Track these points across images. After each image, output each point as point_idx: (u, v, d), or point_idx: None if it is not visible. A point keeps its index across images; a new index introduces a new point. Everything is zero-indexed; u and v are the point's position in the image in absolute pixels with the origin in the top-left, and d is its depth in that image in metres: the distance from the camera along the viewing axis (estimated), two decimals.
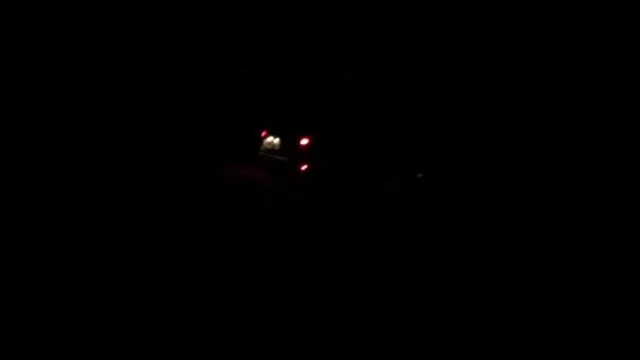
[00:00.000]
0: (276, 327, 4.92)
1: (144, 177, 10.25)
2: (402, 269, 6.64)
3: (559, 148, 9.88)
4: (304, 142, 11.37)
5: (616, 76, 9.91)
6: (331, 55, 12.82)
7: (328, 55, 12.70)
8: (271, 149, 11.94)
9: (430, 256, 7.25)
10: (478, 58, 10.72)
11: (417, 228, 9.04)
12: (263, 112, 13.52)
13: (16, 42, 11.53)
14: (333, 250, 7.04)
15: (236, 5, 12.28)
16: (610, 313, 5.99)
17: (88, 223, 7.54)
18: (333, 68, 13.19)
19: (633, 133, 9.63)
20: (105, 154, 11.29)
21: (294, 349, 4.72)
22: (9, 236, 6.89)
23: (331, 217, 9.15)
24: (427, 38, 11.05)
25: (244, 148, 12.81)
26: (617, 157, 9.53)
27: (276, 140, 11.85)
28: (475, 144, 10.71)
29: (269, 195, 9.84)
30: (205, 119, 13.86)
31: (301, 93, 13.63)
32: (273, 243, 6.93)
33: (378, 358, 4.68)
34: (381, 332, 5.02)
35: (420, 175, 10.79)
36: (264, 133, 12.17)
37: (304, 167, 11.30)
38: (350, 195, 11.04)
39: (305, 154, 11.35)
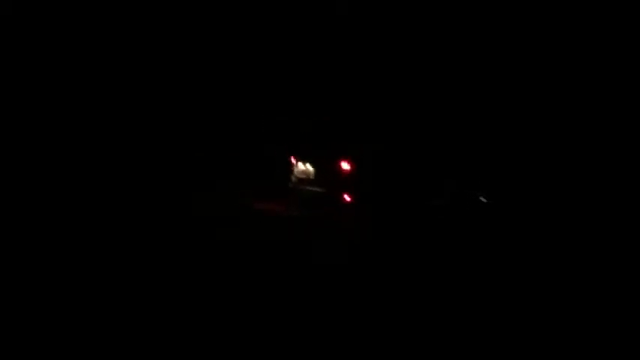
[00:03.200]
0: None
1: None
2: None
3: (559, 150, 9.86)
4: (346, 166, 9.73)
5: (616, 76, 9.90)
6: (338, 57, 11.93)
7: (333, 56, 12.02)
8: (305, 179, 10.15)
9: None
10: (480, 60, 10.70)
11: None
12: (286, 131, 11.42)
13: (16, 42, 11.53)
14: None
15: (236, 7, 12.19)
16: (610, 313, 5.98)
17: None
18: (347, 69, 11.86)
19: (633, 133, 9.62)
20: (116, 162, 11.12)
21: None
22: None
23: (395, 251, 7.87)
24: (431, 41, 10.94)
25: (271, 179, 11.01)
26: (617, 158, 9.52)
27: (310, 168, 10.07)
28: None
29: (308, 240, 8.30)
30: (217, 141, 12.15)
31: (328, 107, 11.69)
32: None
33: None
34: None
35: (482, 198, 9.56)
36: (293, 160, 10.35)
37: (347, 198, 9.65)
38: (408, 223, 9.40)
39: (348, 181, 9.67)
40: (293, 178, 10.34)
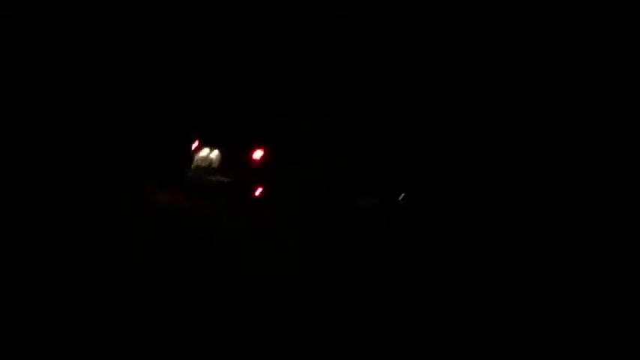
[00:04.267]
0: None
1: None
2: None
3: (558, 152, 9.85)
4: (258, 154, 8.48)
5: (616, 76, 9.89)
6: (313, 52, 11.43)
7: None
8: (207, 167, 8.74)
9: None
10: (481, 62, 10.69)
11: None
12: (194, 114, 10.06)
13: (16, 42, 11.52)
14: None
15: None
16: (610, 313, 5.99)
17: None
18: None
19: (633, 133, 9.61)
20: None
21: None
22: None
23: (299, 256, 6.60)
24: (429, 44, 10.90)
25: (166, 166, 9.31)
26: (617, 159, 9.52)
27: (214, 154, 8.70)
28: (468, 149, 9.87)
29: (205, 236, 6.82)
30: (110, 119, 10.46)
31: (250, 88, 10.56)
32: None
33: None
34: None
35: (402, 197, 8.69)
36: (195, 145, 8.98)
37: (258, 191, 8.40)
38: (319, 224, 8.06)
39: (259, 172, 8.45)
40: (192, 165, 8.98)
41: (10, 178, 9.22)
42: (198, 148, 8.93)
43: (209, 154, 8.78)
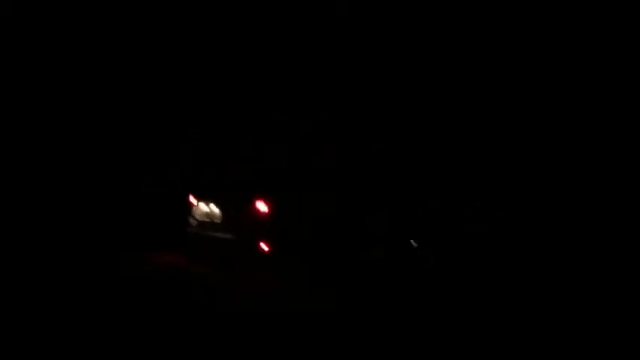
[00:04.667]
0: None
1: None
2: None
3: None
4: (263, 207, 7.86)
5: (616, 77, 9.88)
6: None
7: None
8: (208, 223, 8.18)
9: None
10: (481, 62, 10.68)
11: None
12: (190, 164, 9.39)
13: (16, 42, 11.52)
14: None
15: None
16: (610, 314, 5.98)
17: None
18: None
19: (633, 133, 9.61)
20: None
21: None
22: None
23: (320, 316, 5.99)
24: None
25: (163, 223, 8.76)
26: (618, 159, 9.51)
27: (214, 208, 8.14)
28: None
29: (211, 296, 6.40)
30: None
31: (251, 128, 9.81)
32: None
33: None
34: None
35: (415, 243, 8.18)
36: (193, 200, 8.41)
37: (265, 247, 7.68)
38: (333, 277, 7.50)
39: (265, 225, 7.79)
40: (192, 222, 8.41)
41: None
42: (197, 204, 8.39)
43: (209, 208, 8.24)
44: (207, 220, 8.28)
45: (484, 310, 6.19)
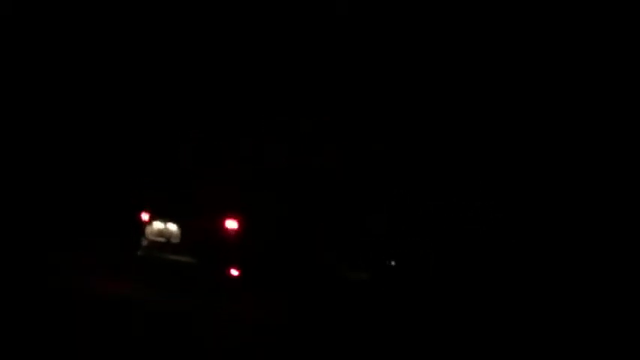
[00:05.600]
0: None
1: None
2: None
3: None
4: (232, 225, 6.64)
5: (616, 77, 9.88)
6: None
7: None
8: (163, 243, 6.81)
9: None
10: (481, 62, 10.68)
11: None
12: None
13: (16, 42, 11.52)
14: None
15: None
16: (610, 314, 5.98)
17: None
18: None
19: (633, 133, 9.61)
20: None
21: None
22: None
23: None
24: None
25: (110, 243, 7.54)
26: (617, 159, 9.51)
27: (172, 227, 6.78)
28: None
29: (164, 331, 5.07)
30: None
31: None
32: None
33: None
34: None
35: (392, 264, 7.77)
36: (145, 216, 7.02)
37: (235, 272, 6.53)
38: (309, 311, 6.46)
39: (234, 247, 6.59)
40: (144, 242, 7.04)
41: None
42: (149, 221, 6.96)
43: (165, 226, 6.85)
44: (161, 239, 6.90)
45: (484, 309, 6.18)
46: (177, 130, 9.98)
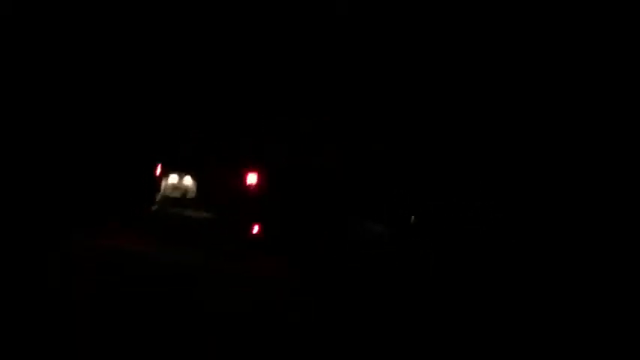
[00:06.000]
0: None
1: None
2: None
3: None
4: (252, 179, 6.51)
5: (616, 77, 9.88)
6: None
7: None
8: (179, 198, 6.64)
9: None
10: (481, 62, 10.67)
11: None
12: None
13: (16, 42, 11.51)
14: None
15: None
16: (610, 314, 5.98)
17: None
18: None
19: (633, 133, 9.61)
20: None
21: None
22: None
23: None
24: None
25: (122, 197, 7.18)
26: (618, 159, 9.51)
27: (188, 181, 6.64)
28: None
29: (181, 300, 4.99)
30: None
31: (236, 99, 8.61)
32: None
33: None
34: None
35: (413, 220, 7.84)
36: (159, 170, 6.91)
37: (255, 229, 6.40)
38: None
39: (254, 202, 6.44)
40: (159, 197, 6.79)
41: None
42: (163, 174, 6.77)
43: (180, 180, 6.67)
44: (175, 195, 6.65)
45: (484, 310, 6.18)
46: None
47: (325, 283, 6.08)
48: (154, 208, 6.78)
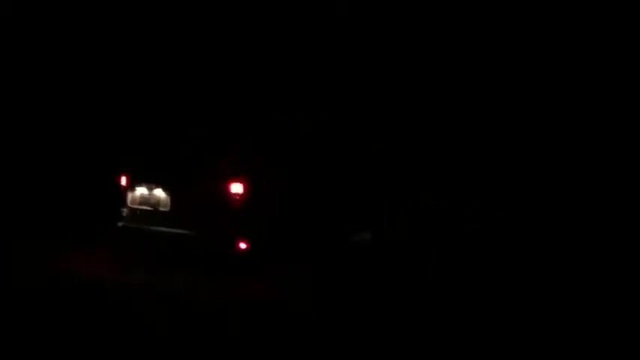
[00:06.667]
0: None
1: None
2: None
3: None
4: (237, 188, 5.71)
5: (616, 77, 9.88)
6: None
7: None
8: (149, 213, 5.79)
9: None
10: (481, 61, 10.67)
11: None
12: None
13: (16, 42, 11.52)
14: None
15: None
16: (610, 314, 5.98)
17: None
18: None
19: (633, 133, 9.61)
20: None
21: None
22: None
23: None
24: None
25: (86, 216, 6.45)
26: (618, 159, 9.51)
27: (159, 193, 5.73)
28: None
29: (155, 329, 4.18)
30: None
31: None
32: None
33: None
34: None
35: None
36: (123, 180, 6.08)
37: (243, 245, 5.62)
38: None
39: (240, 215, 5.65)
40: (125, 211, 6.02)
41: None
42: (131, 185, 5.92)
43: (150, 192, 5.76)
44: (145, 208, 5.82)
45: (484, 310, 6.19)
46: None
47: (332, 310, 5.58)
48: (119, 224, 6.06)
